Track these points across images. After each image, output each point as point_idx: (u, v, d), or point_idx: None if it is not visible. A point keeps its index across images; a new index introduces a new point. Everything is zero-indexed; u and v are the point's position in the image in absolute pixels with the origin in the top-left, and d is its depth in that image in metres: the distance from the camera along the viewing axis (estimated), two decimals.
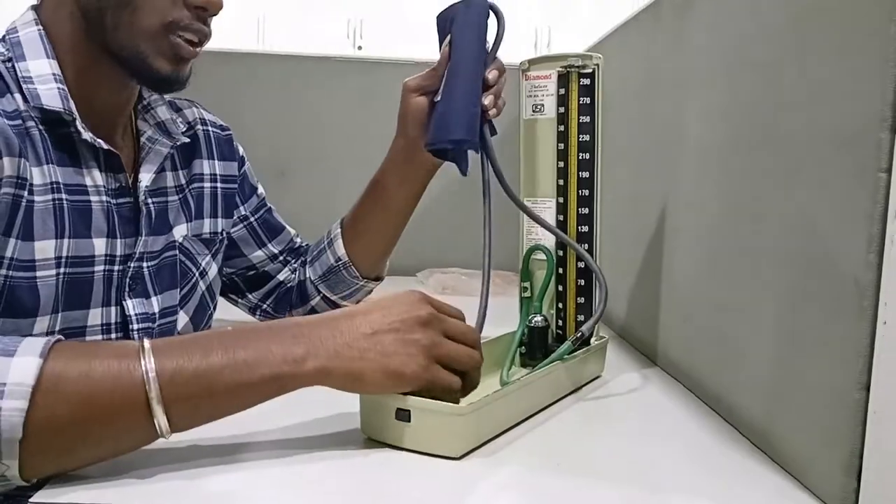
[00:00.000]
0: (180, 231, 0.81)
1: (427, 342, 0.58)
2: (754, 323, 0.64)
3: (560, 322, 0.83)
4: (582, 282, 0.81)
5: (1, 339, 0.50)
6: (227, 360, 0.53)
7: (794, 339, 0.57)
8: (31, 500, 0.48)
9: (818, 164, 0.54)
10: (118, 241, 0.73)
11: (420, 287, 1.46)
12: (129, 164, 0.76)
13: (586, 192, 0.80)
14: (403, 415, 0.58)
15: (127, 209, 0.74)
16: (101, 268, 0.71)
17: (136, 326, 0.73)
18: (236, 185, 0.92)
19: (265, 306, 0.97)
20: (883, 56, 0.46)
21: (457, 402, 0.59)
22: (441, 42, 0.79)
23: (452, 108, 0.74)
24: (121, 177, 0.74)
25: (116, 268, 0.73)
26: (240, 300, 0.98)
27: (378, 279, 0.97)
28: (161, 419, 0.51)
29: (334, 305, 0.95)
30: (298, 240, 1.00)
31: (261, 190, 0.97)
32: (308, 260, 0.96)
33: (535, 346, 0.82)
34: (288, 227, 0.99)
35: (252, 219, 0.94)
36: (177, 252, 0.80)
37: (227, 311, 0.98)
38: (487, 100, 0.74)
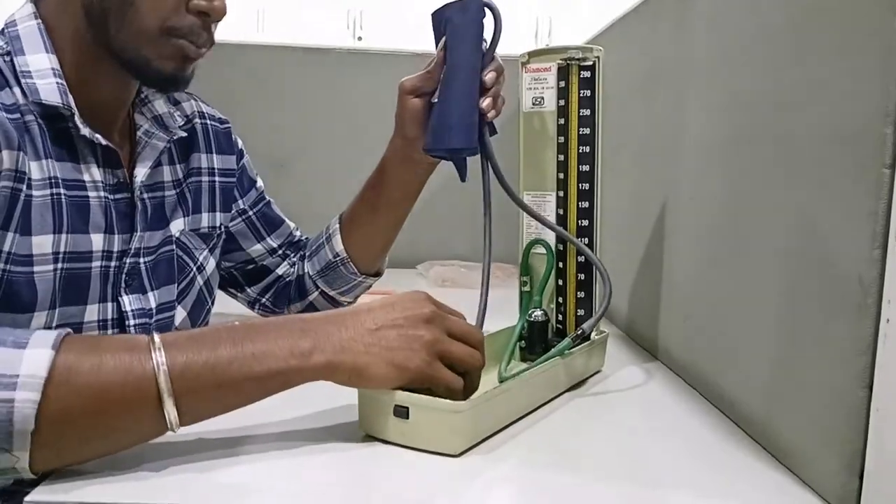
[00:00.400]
0: (177, 226, 0.81)
1: (430, 338, 0.59)
2: (756, 319, 0.63)
3: (560, 317, 0.82)
4: (582, 276, 0.80)
5: (12, 332, 0.50)
6: (235, 354, 0.53)
7: (796, 336, 0.56)
8: (26, 498, 0.47)
9: (821, 160, 0.54)
10: (115, 236, 0.72)
11: (420, 280, 1.46)
12: (126, 158, 0.75)
13: (586, 186, 0.79)
14: (401, 412, 0.58)
15: (124, 205, 0.74)
16: (99, 263, 0.71)
17: (132, 322, 0.73)
18: (235, 179, 0.91)
19: (264, 300, 0.97)
20: (887, 50, 0.46)
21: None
22: (437, 41, 0.78)
23: (450, 115, 0.74)
24: (119, 172, 0.73)
25: (113, 264, 0.72)
26: (239, 294, 0.97)
27: (377, 275, 0.96)
28: (171, 412, 0.51)
29: (333, 301, 0.95)
30: (298, 233, 1.00)
31: (259, 183, 0.96)
32: (307, 254, 0.96)
33: (535, 341, 0.81)
34: (287, 220, 0.98)
35: (251, 212, 0.94)
36: (174, 247, 0.80)
37: (225, 305, 0.97)
38: (485, 103, 0.74)
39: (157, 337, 0.53)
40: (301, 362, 0.55)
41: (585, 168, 0.79)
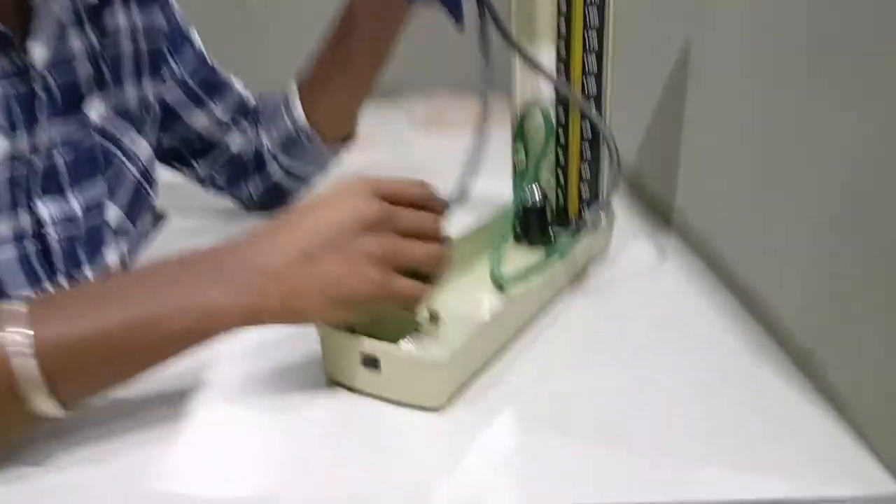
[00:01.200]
0: (97, 108, 0.66)
1: (377, 250, 0.46)
2: (802, 203, 0.51)
3: (561, 197, 0.70)
4: (588, 152, 0.67)
5: None
6: (126, 317, 0.43)
7: (851, 247, 0.45)
8: None
9: None
10: (23, 134, 0.58)
11: (404, 119, 1.32)
12: (23, 36, 0.59)
13: (594, 36, 0.64)
14: (371, 362, 0.48)
15: (28, 95, 0.59)
16: (4, 170, 0.58)
17: (53, 232, 0.61)
18: (163, 37, 0.75)
19: (216, 178, 0.84)
20: None
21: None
22: None
23: None
24: (15, 57, 0.58)
25: (23, 167, 0.59)
26: (185, 170, 0.84)
27: (349, 138, 0.82)
28: (43, 401, 0.41)
29: (298, 178, 0.82)
30: (249, 95, 0.84)
31: (196, 40, 0.80)
32: (261, 123, 0.81)
33: (532, 227, 0.70)
34: (234, 81, 0.82)
35: (187, 77, 0.78)
36: (94, 135, 0.66)
37: (172, 177, 0.85)
38: None
39: (15, 307, 0.42)
40: (212, 320, 0.44)
41: (593, 15, 0.63)
